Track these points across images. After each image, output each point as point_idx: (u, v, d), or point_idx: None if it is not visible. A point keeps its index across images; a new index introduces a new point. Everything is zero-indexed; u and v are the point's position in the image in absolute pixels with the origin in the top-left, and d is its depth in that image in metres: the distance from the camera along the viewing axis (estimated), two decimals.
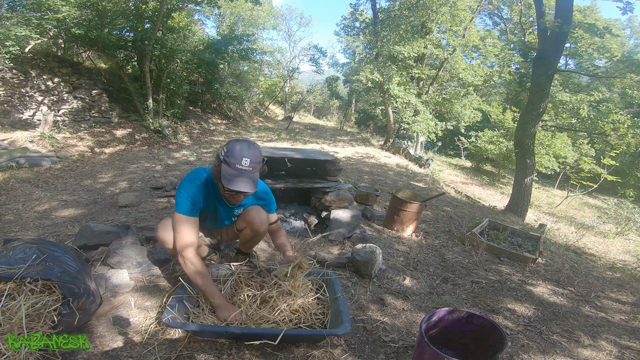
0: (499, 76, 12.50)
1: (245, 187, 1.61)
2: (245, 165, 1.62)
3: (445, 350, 1.77)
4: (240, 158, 1.61)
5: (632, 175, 15.20)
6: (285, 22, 22.48)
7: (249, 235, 2.08)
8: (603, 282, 3.11)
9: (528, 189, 6.83)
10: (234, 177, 1.61)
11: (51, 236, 2.78)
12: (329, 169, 3.30)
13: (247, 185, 1.62)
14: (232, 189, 1.60)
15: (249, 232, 2.05)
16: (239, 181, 1.61)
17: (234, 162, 1.61)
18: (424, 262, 2.91)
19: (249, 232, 2.06)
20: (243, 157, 1.62)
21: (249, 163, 1.63)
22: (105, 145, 7.39)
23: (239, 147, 1.64)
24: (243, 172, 1.62)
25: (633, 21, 20.84)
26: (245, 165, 1.62)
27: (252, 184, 1.64)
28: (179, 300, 1.69)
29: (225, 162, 1.63)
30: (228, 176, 1.60)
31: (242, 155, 1.62)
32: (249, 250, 2.32)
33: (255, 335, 1.65)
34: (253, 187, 1.64)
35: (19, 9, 6.98)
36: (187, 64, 9.96)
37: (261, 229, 2.01)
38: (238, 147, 1.64)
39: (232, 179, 1.60)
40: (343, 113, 22.31)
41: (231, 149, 1.64)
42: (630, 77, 7.06)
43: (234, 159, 1.61)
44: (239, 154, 1.62)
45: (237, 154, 1.62)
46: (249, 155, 1.63)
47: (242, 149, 1.64)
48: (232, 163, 1.61)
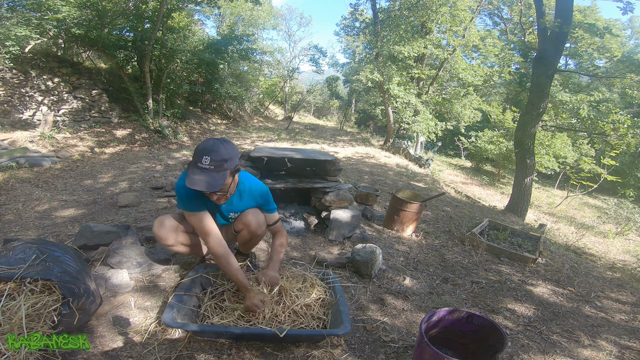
0: (499, 76, 12.50)
1: (203, 185, 1.57)
2: (205, 164, 1.58)
3: (445, 350, 1.77)
4: (200, 156, 1.58)
5: (632, 175, 15.20)
6: (285, 22, 22.50)
7: (247, 237, 2.07)
8: (603, 282, 3.11)
9: (528, 189, 6.83)
10: (192, 175, 1.58)
11: (51, 236, 2.79)
12: (329, 169, 3.30)
13: (202, 184, 1.57)
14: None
15: (246, 234, 2.04)
16: (195, 179, 1.57)
17: (195, 161, 1.59)
18: (424, 262, 2.91)
19: (246, 234, 2.05)
20: (203, 156, 1.58)
21: (209, 161, 1.58)
22: (106, 145, 7.39)
23: (203, 146, 1.61)
24: (203, 170, 1.58)
25: (634, 21, 20.86)
26: (205, 164, 1.58)
27: (212, 182, 1.58)
28: (179, 299, 1.69)
29: (191, 162, 1.62)
30: (191, 175, 1.59)
31: (203, 154, 1.58)
32: (248, 251, 2.32)
33: (256, 336, 1.65)
34: (209, 186, 1.58)
35: (19, 9, 6.98)
36: (187, 64, 9.95)
37: (258, 231, 2.01)
38: (202, 145, 1.61)
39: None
40: (343, 113, 22.31)
41: (196, 148, 1.62)
42: (630, 77, 7.05)
43: (196, 157, 1.60)
44: (200, 153, 1.59)
45: (199, 152, 1.59)
46: (211, 154, 1.58)
47: (205, 147, 1.60)
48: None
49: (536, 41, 7.87)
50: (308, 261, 2.60)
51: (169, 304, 1.64)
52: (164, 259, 2.25)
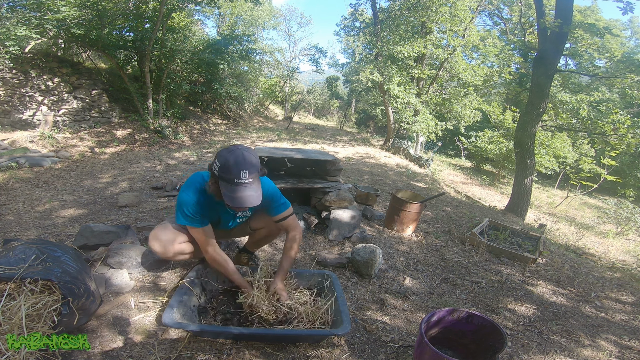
0: (499, 76, 12.49)
1: (251, 201, 1.48)
2: (245, 179, 1.46)
3: (445, 350, 1.77)
4: (237, 172, 1.45)
5: (632, 175, 15.20)
6: (285, 22, 22.53)
7: (263, 235, 2.06)
8: (603, 282, 3.11)
9: (528, 189, 6.83)
10: (236, 193, 1.47)
11: (51, 236, 2.79)
12: (329, 169, 3.29)
13: (252, 199, 1.48)
14: (238, 208, 1.51)
15: (265, 232, 2.03)
16: (243, 197, 1.47)
17: (232, 178, 1.46)
18: (424, 262, 2.91)
19: (264, 232, 2.04)
20: (241, 171, 1.45)
21: (248, 175, 1.47)
22: (106, 145, 7.39)
23: (234, 160, 1.46)
24: (245, 185, 1.47)
25: (634, 22, 20.88)
26: (245, 179, 1.46)
27: (257, 195, 1.51)
28: (179, 299, 1.69)
29: (223, 179, 1.48)
30: (230, 194, 1.47)
31: (240, 169, 1.45)
32: (256, 249, 2.31)
33: (255, 336, 1.65)
34: (259, 198, 1.51)
35: (19, 9, 6.98)
36: (187, 64, 9.96)
37: (277, 232, 2.04)
38: (232, 159, 1.46)
39: (234, 197, 1.47)
40: (343, 113, 22.32)
41: (225, 164, 1.46)
42: (630, 77, 7.05)
43: (231, 174, 1.45)
44: (235, 168, 1.45)
45: (234, 168, 1.45)
46: (246, 166, 1.46)
47: (237, 161, 1.46)
48: (229, 179, 1.46)
49: (536, 41, 7.87)
50: (308, 261, 2.60)
51: (169, 304, 1.64)
52: (164, 259, 2.25)
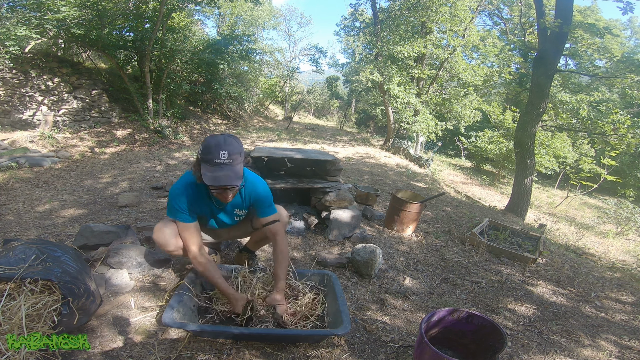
0: (499, 76, 12.49)
1: (227, 180, 1.56)
2: (224, 159, 1.55)
3: (445, 350, 1.77)
4: (217, 152, 1.54)
5: (632, 175, 15.20)
6: (285, 22, 22.52)
7: (264, 235, 2.07)
8: (603, 282, 3.11)
9: (528, 189, 6.83)
10: (214, 172, 1.55)
11: (51, 236, 2.79)
12: (329, 169, 3.29)
13: (229, 179, 1.56)
14: (215, 185, 1.56)
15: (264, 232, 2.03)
16: (220, 176, 1.55)
17: (212, 158, 1.55)
18: (424, 262, 2.91)
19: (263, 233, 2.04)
20: (220, 151, 1.55)
21: (227, 155, 1.55)
22: (106, 145, 7.39)
23: (215, 142, 1.57)
24: (223, 165, 1.55)
25: (634, 22, 20.87)
26: (223, 159, 1.55)
27: (235, 176, 1.58)
28: (179, 299, 1.69)
29: (204, 160, 1.57)
30: (209, 173, 1.55)
31: (219, 149, 1.55)
32: (257, 248, 2.32)
33: (255, 336, 1.65)
34: (236, 180, 1.58)
35: (19, 9, 6.98)
36: (187, 64, 9.96)
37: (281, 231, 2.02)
38: (213, 142, 1.58)
39: (212, 175, 1.55)
40: (343, 113, 22.32)
41: (207, 145, 1.57)
42: (630, 77, 7.05)
43: (211, 154, 1.55)
44: (215, 149, 1.55)
45: (214, 148, 1.55)
46: (226, 147, 1.56)
47: (218, 143, 1.57)
48: (209, 159, 1.55)
49: (536, 41, 7.87)
50: (308, 261, 2.61)
51: (169, 304, 1.64)
52: (164, 259, 2.25)
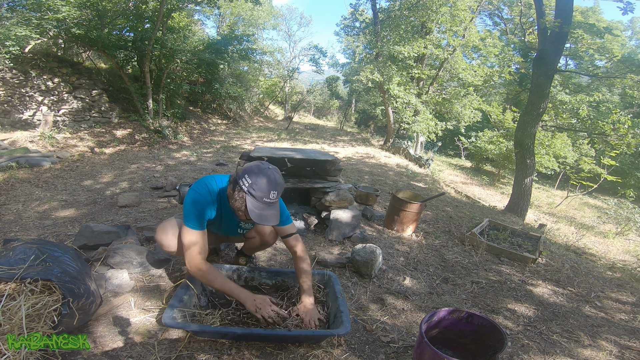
0: (499, 76, 12.49)
1: (274, 219, 1.57)
2: (273, 198, 1.56)
3: (445, 350, 1.76)
4: (268, 192, 1.54)
5: (632, 175, 15.20)
6: (285, 22, 22.53)
7: (257, 244, 2.10)
8: (603, 282, 3.12)
9: (528, 189, 6.83)
10: (262, 210, 1.55)
11: (51, 236, 2.79)
12: (329, 169, 3.29)
13: (275, 218, 1.57)
14: (263, 224, 1.56)
15: (258, 241, 2.07)
16: (268, 215, 1.55)
17: (262, 196, 1.54)
18: (424, 262, 2.91)
19: (257, 242, 2.07)
20: (271, 191, 1.55)
21: (276, 195, 1.57)
22: (106, 145, 7.39)
23: (266, 179, 1.55)
24: (270, 205, 1.56)
25: (635, 22, 20.84)
26: (273, 199, 1.55)
27: (278, 214, 1.60)
28: (179, 299, 1.69)
29: (252, 195, 1.54)
30: (257, 210, 1.53)
31: (270, 189, 1.54)
32: (252, 254, 2.33)
33: (256, 336, 1.65)
34: (279, 217, 1.60)
35: (19, 9, 6.98)
36: (187, 64, 9.96)
37: (272, 241, 2.05)
38: (265, 179, 1.54)
39: (261, 213, 1.54)
40: (343, 113, 22.32)
41: (257, 181, 1.54)
42: (630, 77, 7.05)
43: (262, 192, 1.53)
44: (267, 188, 1.54)
45: (265, 187, 1.54)
46: (276, 187, 1.56)
47: (269, 180, 1.55)
48: (259, 197, 1.54)
49: (536, 41, 7.87)
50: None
51: (169, 304, 1.64)
52: (164, 259, 2.25)
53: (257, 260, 2.45)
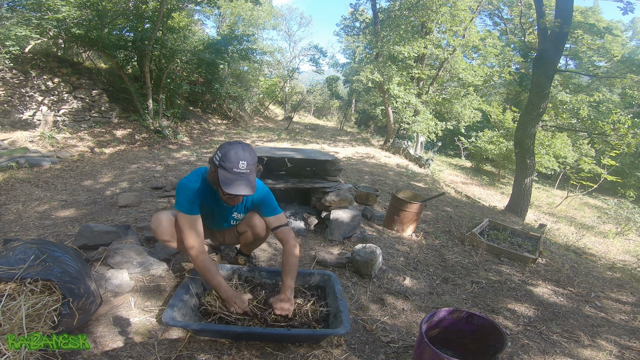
0: (499, 76, 12.49)
1: (245, 189, 1.63)
2: (243, 168, 1.63)
3: (445, 350, 1.76)
4: (237, 162, 1.62)
5: (632, 175, 15.20)
6: (285, 22, 22.52)
7: (250, 239, 2.11)
8: (603, 282, 3.12)
9: (528, 189, 6.83)
10: (233, 181, 1.62)
11: (51, 236, 2.79)
12: (329, 169, 3.29)
13: (246, 188, 1.64)
14: (232, 193, 1.61)
15: (250, 235, 2.07)
16: (239, 185, 1.62)
17: (231, 167, 1.62)
18: (424, 262, 2.91)
19: (249, 236, 2.08)
20: (239, 161, 1.62)
21: (246, 165, 1.64)
22: (106, 145, 7.39)
23: (234, 151, 1.64)
24: (241, 175, 1.63)
25: (635, 22, 20.83)
26: (242, 168, 1.63)
27: (251, 186, 1.66)
28: (180, 299, 1.69)
29: (222, 167, 1.63)
30: (227, 181, 1.62)
31: (239, 159, 1.62)
32: (250, 252, 2.34)
33: (256, 335, 1.65)
34: (252, 189, 1.66)
35: (19, 9, 6.98)
36: (187, 64, 9.95)
37: (262, 233, 2.04)
38: (233, 151, 1.64)
39: (231, 183, 1.62)
40: (343, 113, 22.31)
41: (226, 153, 1.64)
42: (630, 77, 7.04)
43: (230, 163, 1.62)
44: (235, 158, 1.62)
45: (233, 157, 1.62)
46: (245, 157, 1.64)
47: (237, 152, 1.64)
48: (229, 167, 1.62)
49: (536, 41, 7.87)
50: (308, 261, 2.60)
51: (169, 303, 1.64)
52: (164, 258, 2.25)
53: (257, 260, 2.46)
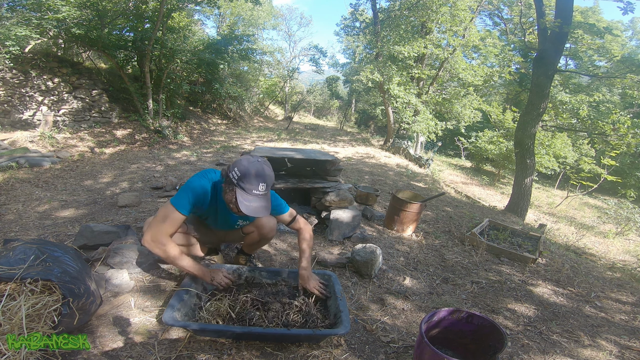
0: (499, 76, 12.49)
1: (263, 211, 1.58)
2: (262, 191, 1.57)
3: (445, 350, 1.76)
4: (257, 184, 1.55)
5: (632, 175, 15.20)
6: (285, 22, 22.51)
7: (256, 239, 2.09)
8: (603, 282, 3.12)
9: (528, 189, 6.83)
10: (252, 202, 1.56)
11: (51, 236, 2.79)
12: (329, 169, 3.29)
13: (265, 210, 1.59)
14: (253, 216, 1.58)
15: (256, 236, 2.06)
16: (258, 207, 1.57)
17: (251, 188, 1.55)
18: (424, 262, 2.91)
19: (256, 236, 2.06)
20: (260, 183, 1.56)
21: (265, 188, 1.58)
22: (106, 145, 7.39)
23: (255, 171, 1.56)
24: (259, 196, 1.58)
25: (635, 22, 20.82)
26: (262, 191, 1.57)
27: (269, 207, 1.61)
28: (180, 299, 1.69)
29: (241, 188, 1.56)
30: (247, 202, 1.55)
31: (259, 181, 1.56)
32: (252, 252, 2.32)
33: (256, 335, 1.65)
34: (269, 210, 1.61)
35: (19, 9, 6.98)
36: (187, 64, 9.96)
37: (270, 234, 2.03)
38: (253, 170, 1.56)
39: (250, 205, 1.55)
40: (343, 113, 22.32)
41: (246, 174, 1.55)
42: (630, 77, 7.05)
43: (250, 184, 1.55)
44: (255, 180, 1.55)
45: (254, 179, 1.55)
46: (265, 179, 1.57)
47: (257, 173, 1.56)
48: (248, 189, 1.55)
49: (536, 41, 7.87)
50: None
51: (169, 303, 1.64)
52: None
53: (257, 261, 2.45)
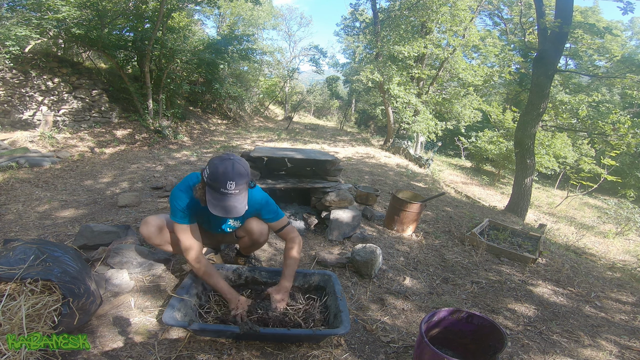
0: (499, 76, 12.49)
1: (234, 212, 1.52)
2: (231, 189, 1.49)
3: (445, 350, 1.76)
4: (224, 182, 1.48)
5: (632, 175, 15.20)
6: (285, 22, 22.49)
7: (248, 244, 2.09)
8: (603, 282, 3.12)
9: (528, 189, 6.83)
10: (220, 202, 1.51)
11: (51, 236, 2.79)
12: (329, 169, 3.29)
13: (235, 210, 1.52)
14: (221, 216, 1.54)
15: (248, 241, 2.05)
16: (226, 207, 1.51)
17: (219, 187, 1.49)
18: (424, 262, 2.91)
19: (247, 241, 2.06)
20: (227, 181, 1.48)
21: (234, 186, 1.49)
22: (106, 145, 7.39)
23: (223, 169, 1.49)
24: (229, 195, 1.51)
25: (635, 22, 20.81)
26: (230, 189, 1.49)
27: (240, 206, 1.54)
28: (180, 299, 1.69)
29: (209, 186, 1.52)
30: (214, 201, 1.51)
31: (227, 179, 1.48)
32: (249, 254, 2.33)
33: (256, 335, 1.65)
34: (239, 211, 1.53)
35: (19, 9, 6.98)
36: (187, 64, 9.95)
37: (260, 239, 2.02)
38: (221, 168, 1.49)
39: (217, 204, 1.51)
40: (343, 113, 22.32)
41: (214, 171, 1.50)
42: (630, 77, 7.04)
43: (218, 182, 1.49)
44: (223, 178, 1.48)
45: (221, 177, 1.48)
46: (234, 177, 1.49)
47: (226, 171, 1.49)
48: (216, 187, 1.50)
49: (536, 41, 7.87)
50: (308, 261, 2.61)
51: (169, 303, 1.64)
52: (164, 258, 2.25)
53: (257, 260, 2.46)
